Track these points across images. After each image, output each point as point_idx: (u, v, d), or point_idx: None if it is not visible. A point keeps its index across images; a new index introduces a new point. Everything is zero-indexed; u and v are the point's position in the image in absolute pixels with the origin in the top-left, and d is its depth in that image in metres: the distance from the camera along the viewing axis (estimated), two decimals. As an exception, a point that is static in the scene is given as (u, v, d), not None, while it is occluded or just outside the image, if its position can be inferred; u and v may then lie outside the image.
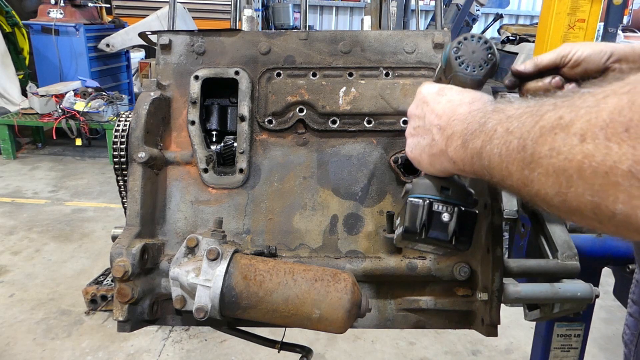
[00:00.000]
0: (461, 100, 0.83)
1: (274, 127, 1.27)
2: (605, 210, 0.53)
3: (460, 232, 0.87)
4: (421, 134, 0.88)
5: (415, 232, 0.87)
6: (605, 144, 0.51)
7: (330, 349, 3.30)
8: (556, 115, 0.58)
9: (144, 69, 8.73)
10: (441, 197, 0.88)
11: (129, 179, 1.17)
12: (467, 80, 0.88)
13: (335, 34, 1.31)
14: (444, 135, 0.81)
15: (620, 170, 0.50)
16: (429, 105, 0.87)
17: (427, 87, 0.92)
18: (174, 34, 1.31)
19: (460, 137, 0.77)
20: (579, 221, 0.59)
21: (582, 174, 0.54)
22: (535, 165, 0.60)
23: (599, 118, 0.52)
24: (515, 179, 0.64)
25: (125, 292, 1.04)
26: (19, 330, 3.40)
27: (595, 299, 1.14)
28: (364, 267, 1.18)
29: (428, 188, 0.89)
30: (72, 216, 5.17)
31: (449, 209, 0.87)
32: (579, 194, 0.54)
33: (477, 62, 0.88)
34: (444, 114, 0.83)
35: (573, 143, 0.54)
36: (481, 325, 1.15)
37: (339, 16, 14.57)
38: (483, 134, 0.71)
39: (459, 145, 0.77)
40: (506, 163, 0.65)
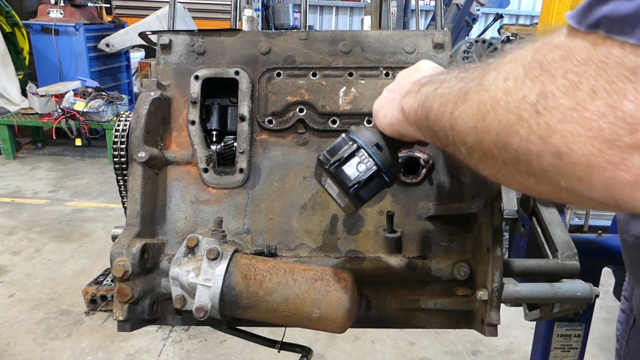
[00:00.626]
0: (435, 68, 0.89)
1: (274, 127, 1.27)
2: (508, 148, 0.54)
3: (363, 187, 0.87)
4: (391, 92, 0.92)
5: (328, 161, 0.89)
6: (523, 80, 0.52)
7: (330, 349, 3.30)
8: (497, 61, 0.60)
9: (144, 69, 8.73)
10: (370, 150, 0.89)
11: (129, 178, 1.17)
12: None
13: (335, 34, 1.31)
14: (405, 89, 0.85)
15: (526, 103, 0.51)
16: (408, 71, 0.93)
17: (425, 62, 0.96)
18: (174, 34, 1.31)
19: (419, 84, 0.79)
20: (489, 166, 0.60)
21: (496, 108, 0.55)
22: (463, 102, 0.62)
23: (524, 58, 0.54)
24: (446, 119, 0.66)
25: (125, 292, 1.04)
26: (19, 330, 3.40)
27: (595, 299, 1.14)
28: (364, 267, 1.18)
29: (366, 137, 0.90)
30: (72, 216, 5.18)
31: (368, 163, 0.88)
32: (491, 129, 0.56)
33: None
34: (407, 78, 0.89)
35: (498, 81, 0.56)
36: (481, 325, 1.15)
37: (339, 16, 14.57)
38: (438, 81, 0.73)
39: (415, 90, 0.79)
40: (445, 104, 0.67)
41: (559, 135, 0.48)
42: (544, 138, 0.49)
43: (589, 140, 0.46)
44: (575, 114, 0.47)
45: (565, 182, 0.50)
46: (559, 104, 0.48)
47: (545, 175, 0.52)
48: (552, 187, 0.53)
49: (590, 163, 0.47)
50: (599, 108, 0.45)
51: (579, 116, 0.47)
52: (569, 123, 0.47)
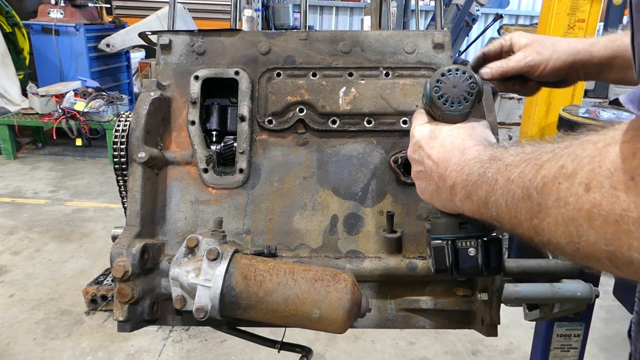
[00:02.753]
0: (452, 143, 0.84)
1: (274, 127, 1.27)
2: (622, 257, 0.53)
3: (490, 260, 0.88)
4: (425, 179, 0.89)
5: (445, 271, 0.90)
6: (612, 192, 0.51)
7: (330, 349, 3.30)
8: (557, 165, 0.58)
9: (144, 69, 8.73)
10: (462, 233, 0.89)
11: (129, 179, 1.17)
12: (455, 116, 0.88)
13: (335, 34, 1.31)
14: (446, 185, 0.82)
15: (630, 218, 0.50)
16: (424, 150, 0.88)
17: (419, 130, 0.92)
18: (174, 34, 1.32)
19: (463, 189, 0.77)
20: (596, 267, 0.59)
21: (592, 223, 0.53)
22: (544, 215, 0.59)
23: (602, 167, 0.53)
24: (525, 227, 0.64)
25: (125, 292, 1.04)
26: (19, 330, 3.40)
27: (595, 299, 1.14)
28: (364, 267, 1.18)
29: (447, 227, 0.90)
30: (72, 216, 5.18)
31: (472, 243, 0.88)
32: (592, 242, 0.54)
33: (461, 95, 0.88)
34: (440, 161, 0.84)
35: (579, 193, 0.54)
36: (481, 325, 1.15)
37: (339, 16, 14.56)
38: (485, 184, 0.71)
39: (464, 197, 0.77)
40: (514, 212, 0.65)
41: None
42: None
43: None
44: None
45: None
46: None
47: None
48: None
49: None
50: None
51: None
52: None
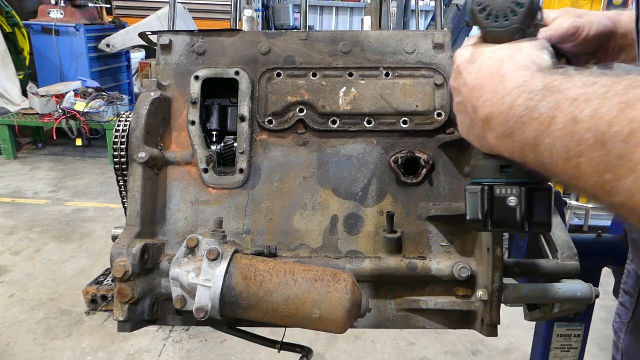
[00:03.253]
0: (490, 69, 0.68)
1: (274, 127, 1.27)
2: None
3: (533, 214, 0.74)
4: (462, 111, 0.76)
5: (478, 221, 0.77)
6: None
7: (330, 349, 3.30)
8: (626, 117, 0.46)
9: (144, 69, 8.73)
10: (502, 178, 0.76)
11: (129, 179, 1.17)
12: (501, 33, 0.73)
13: (335, 34, 1.31)
14: (479, 118, 0.68)
15: None
16: (462, 76, 0.75)
17: (460, 52, 0.78)
18: (174, 34, 1.32)
19: (502, 124, 0.62)
20: None
21: None
22: (626, 172, 0.47)
23: None
24: (591, 183, 0.51)
25: (126, 292, 1.04)
26: (19, 330, 3.40)
27: (595, 299, 1.14)
28: (364, 267, 1.19)
29: (487, 170, 0.77)
30: (72, 216, 5.18)
31: (514, 191, 0.74)
32: None
33: (507, 7, 0.72)
34: (474, 88, 0.70)
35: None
36: (481, 325, 1.15)
37: (339, 16, 14.56)
38: (536, 122, 0.56)
39: (502, 134, 0.63)
40: (576, 162, 0.52)
41: None
42: None
43: None
44: None
45: None
46: None
47: None
48: None
49: None
50: None
51: None
52: None
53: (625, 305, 1.20)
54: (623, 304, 1.21)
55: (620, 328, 1.20)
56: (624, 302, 1.21)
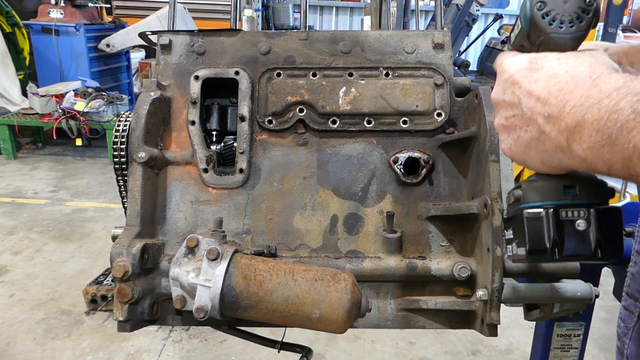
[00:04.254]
0: (573, 74, 0.61)
1: (274, 127, 1.27)
2: None
3: (605, 239, 0.66)
4: (520, 126, 0.68)
5: (544, 251, 0.67)
6: None
7: (330, 349, 3.30)
8: None
9: (144, 69, 8.73)
10: (568, 200, 0.67)
11: (129, 179, 1.17)
12: (566, 40, 0.67)
13: (335, 34, 1.31)
14: (560, 128, 0.61)
15: None
16: (521, 86, 0.67)
17: (512, 60, 0.70)
18: (174, 34, 1.32)
19: (599, 132, 0.56)
20: None
21: None
22: None
23: None
24: None
25: (126, 292, 1.04)
26: (19, 330, 3.40)
27: (595, 299, 1.14)
28: (364, 267, 1.19)
29: (547, 192, 0.68)
30: (72, 216, 5.18)
31: (582, 214, 0.66)
32: None
33: (574, 12, 0.66)
34: (550, 97, 0.62)
35: None
36: (481, 325, 1.15)
37: (339, 16, 14.56)
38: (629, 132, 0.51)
39: (599, 143, 0.56)
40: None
41: None
42: None
43: None
44: None
45: None
46: None
47: None
48: None
49: None
50: None
51: None
52: None
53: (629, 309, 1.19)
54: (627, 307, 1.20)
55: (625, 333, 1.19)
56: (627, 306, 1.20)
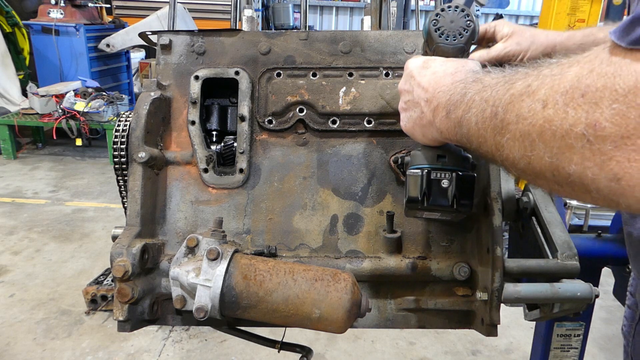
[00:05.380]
0: (444, 71, 0.87)
1: (274, 127, 1.27)
2: (562, 172, 0.55)
3: (461, 196, 0.90)
4: (411, 108, 0.91)
5: (417, 201, 0.91)
6: (564, 109, 0.54)
7: (330, 349, 3.30)
8: (525, 84, 0.61)
9: (144, 69, 8.73)
10: (438, 164, 0.92)
11: (129, 179, 1.17)
12: (449, 49, 0.93)
13: (335, 34, 1.31)
14: (431, 107, 0.84)
15: (574, 132, 0.52)
16: (415, 79, 0.90)
17: (413, 61, 0.95)
18: (174, 34, 1.32)
19: (445, 108, 0.80)
20: (542, 184, 0.62)
21: (543, 137, 0.57)
22: (505, 131, 0.63)
23: (560, 85, 0.55)
24: (489, 144, 0.68)
25: (126, 292, 1.04)
26: (19, 330, 3.40)
27: (595, 299, 1.14)
28: (364, 267, 1.19)
29: (425, 158, 0.93)
30: (72, 216, 5.18)
31: (447, 175, 0.90)
32: (540, 156, 0.58)
33: (457, 30, 0.93)
34: (429, 87, 0.86)
35: (536, 109, 0.57)
36: (481, 325, 1.15)
37: (339, 16, 14.56)
38: (463, 104, 0.74)
39: (444, 116, 0.80)
40: (481, 130, 0.68)
41: (615, 161, 0.50)
42: (599, 164, 0.51)
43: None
44: (629, 141, 0.49)
45: (624, 201, 0.52)
46: (610, 133, 0.50)
47: (601, 195, 0.54)
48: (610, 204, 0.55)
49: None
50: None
51: (633, 143, 0.48)
52: (623, 150, 0.49)
53: (632, 308, 1.20)
54: (630, 306, 1.21)
55: (629, 331, 1.20)
56: (631, 305, 1.20)
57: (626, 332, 1.22)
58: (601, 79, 0.51)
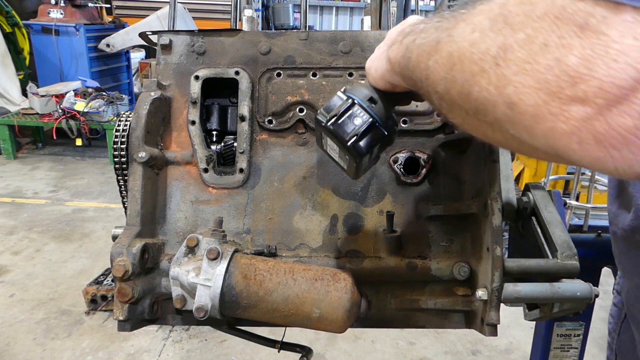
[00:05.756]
0: (417, 17, 0.87)
1: (274, 127, 1.27)
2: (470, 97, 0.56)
3: (360, 139, 0.89)
4: (380, 46, 0.93)
5: (325, 118, 0.91)
6: (487, 33, 0.54)
7: (330, 349, 3.30)
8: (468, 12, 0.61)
9: (144, 69, 8.74)
10: (365, 104, 0.91)
11: (129, 178, 1.17)
12: None
13: (335, 34, 1.31)
14: (390, 39, 0.86)
15: (488, 55, 0.53)
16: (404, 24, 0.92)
17: (413, 16, 0.95)
18: (174, 34, 1.32)
19: (403, 35, 0.80)
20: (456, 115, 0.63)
21: (462, 59, 0.57)
22: (435, 52, 0.63)
23: (491, 10, 0.55)
24: (422, 68, 0.68)
25: (126, 292, 1.04)
26: (19, 330, 3.40)
27: (595, 299, 1.14)
28: (364, 266, 1.19)
29: (360, 92, 0.92)
30: (72, 216, 5.18)
31: (364, 116, 0.89)
32: (455, 79, 0.58)
33: None
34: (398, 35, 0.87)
35: (466, 32, 0.57)
36: (481, 325, 1.15)
37: (339, 16, 14.57)
38: (418, 31, 0.74)
39: (399, 42, 0.80)
40: (421, 54, 0.68)
41: (512, 86, 0.51)
42: (499, 88, 0.52)
43: (536, 91, 0.49)
44: (528, 66, 0.49)
45: (514, 130, 0.53)
46: (516, 57, 0.50)
47: (498, 124, 0.55)
48: (505, 135, 0.56)
49: (535, 113, 0.49)
50: (547, 61, 0.48)
51: (531, 69, 0.49)
52: (522, 75, 0.50)
53: (618, 306, 1.20)
54: (616, 304, 1.21)
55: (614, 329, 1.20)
56: (617, 303, 1.21)
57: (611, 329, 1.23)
58: (522, 5, 0.51)
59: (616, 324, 1.20)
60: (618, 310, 1.20)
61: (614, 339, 1.20)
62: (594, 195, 2.17)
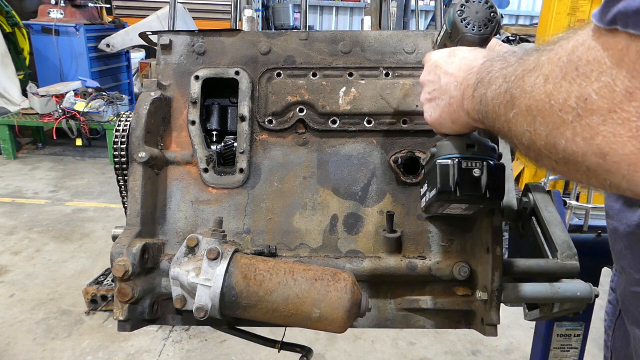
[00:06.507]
0: (475, 56, 0.86)
1: (274, 127, 1.27)
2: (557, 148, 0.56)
3: (493, 185, 0.88)
4: (438, 96, 0.91)
5: (450, 191, 0.89)
6: (561, 83, 0.53)
7: (330, 349, 3.30)
8: (535, 59, 0.61)
9: (144, 69, 8.73)
10: (468, 154, 0.90)
11: (129, 178, 1.17)
12: (475, 39, 0.92)
13: (335, 34, 1.31)
14: (461, 89, 0.83)
15: (567, 106, 0.52)
16: (441, 68, 0.90)
17: (436, 53, 0.95)
18: (175, 34, 1.32)
19: (472, 87, 0.79)
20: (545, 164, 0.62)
21: (541, 112, 0.56)
22: (512, 106, 0.63)
23: (560, 59, 0.55)
24: (502, 121, 0.67)
25: (126, 292, 1.04)
26: (19, 330, 3.40)
27: (594, 299, 1.14)
28: (364, 266, 1.19)
29: (454, 148, 0.91)
30: (72, 216, 5.18)
31: (478, 165, 0.88)
32: (539, 132, 0.58)
33: (482, 21, 0.92)
34: (460, 70, 0.85)
35: (539, 83, 0.57)
36: (481, 325, 1.15)
37: (339, 16, 14.56)
38: (486, 82, 0.74)
39: (470, 95, 0.79)
40: (496, 106, 0.68)
41: (601, 136, 0.50)
42: (587, 139, 0.51)
43: (630, 140, 0.48)
44: (615, 115, 0.49)
45: (610, 179, 0.52)
46: (598, 106, 0.50)
47: (592, 173, 0.54)
48: (601, 182, 0.55)
49: (633, 162, 0.49)
50: (636, 109, 0.47)
51: (618, 117, 0.48)
52: (610, 124, 0.49)
53: (612, 303, 1.21)
54: (611, 302, 1.21)
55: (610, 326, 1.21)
56: (612, 300, 1.21)
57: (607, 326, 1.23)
58: (592, 51, 0.51)
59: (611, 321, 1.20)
60: (613, 308, 1.20)
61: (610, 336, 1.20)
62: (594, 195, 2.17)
